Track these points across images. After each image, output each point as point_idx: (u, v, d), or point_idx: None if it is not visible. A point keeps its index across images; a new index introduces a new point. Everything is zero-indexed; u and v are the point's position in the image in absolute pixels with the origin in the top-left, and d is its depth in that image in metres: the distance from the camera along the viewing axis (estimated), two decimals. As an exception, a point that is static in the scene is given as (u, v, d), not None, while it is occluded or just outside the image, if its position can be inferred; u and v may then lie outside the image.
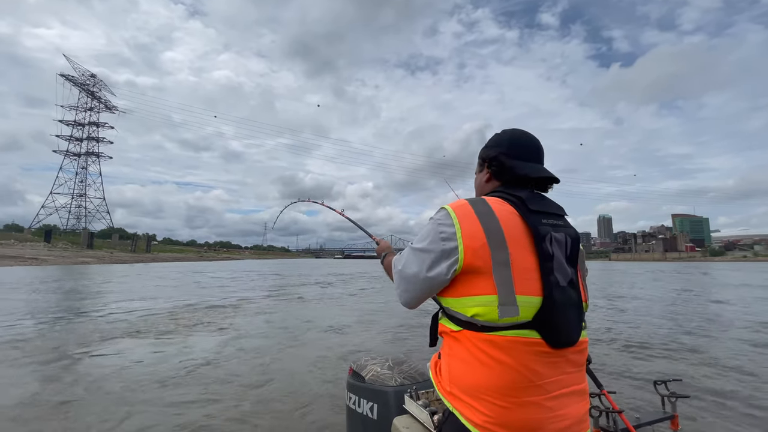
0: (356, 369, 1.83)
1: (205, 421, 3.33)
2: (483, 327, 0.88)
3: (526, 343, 0.86)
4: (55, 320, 8.17)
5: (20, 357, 5.27)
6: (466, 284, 0.92)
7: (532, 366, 0.86)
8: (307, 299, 13.04)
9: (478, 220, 0.92)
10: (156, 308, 10.07)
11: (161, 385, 4.20)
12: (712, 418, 3.40)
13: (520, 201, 0.98)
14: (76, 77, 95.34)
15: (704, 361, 5.22)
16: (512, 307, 0.87)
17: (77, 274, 26.52)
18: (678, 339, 6.61)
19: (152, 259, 64.44)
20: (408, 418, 1.49)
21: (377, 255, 1.54)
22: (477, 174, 1.19)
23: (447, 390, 0.95)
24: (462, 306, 0.92)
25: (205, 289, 16.04)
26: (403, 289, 1.05)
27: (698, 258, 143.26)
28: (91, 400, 3.76)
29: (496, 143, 1.13)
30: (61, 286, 16.70)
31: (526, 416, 0.84)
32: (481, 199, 0.99)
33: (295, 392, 4.09)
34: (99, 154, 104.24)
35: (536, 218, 0.95)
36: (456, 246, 0.91)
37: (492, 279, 0.88)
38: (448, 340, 0.98)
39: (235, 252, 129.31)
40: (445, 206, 1.00)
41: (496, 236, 0.90)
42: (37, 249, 53.73)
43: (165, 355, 5.46)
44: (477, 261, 0.89)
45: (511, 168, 1.06)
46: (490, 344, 0.87)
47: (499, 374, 0.85)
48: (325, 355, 5.61)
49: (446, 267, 0.93)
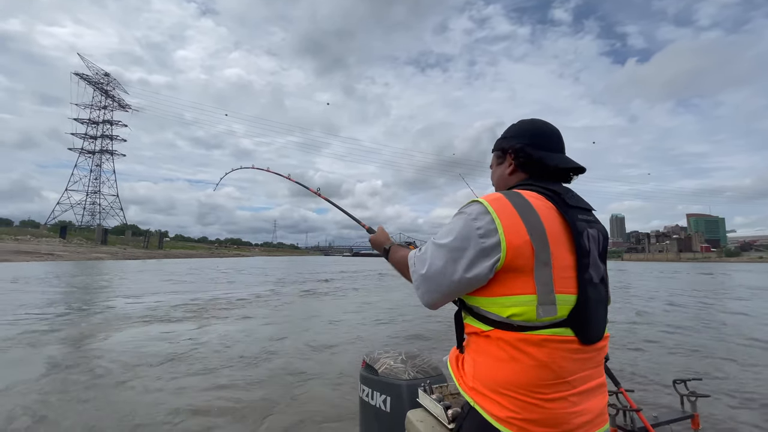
0: (369, 362, 1.84)
1: (217, 411, 3.38)
2: (519, 327, 0.85)
3: (560, 341, 0.85)
4: (85, 310, 8.39)
5: (52, 341, 5.49)
6: (502, 283, 0.87)
7: (562, 362, 0.85)
8: (317, 294, 13.12)
9: (518, 215, 0.87)
10: (174, 300, 10.21)
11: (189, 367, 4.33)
12: (734, 419, 3.31)
13: (556, 195, 0.94)
14: (90, 76, 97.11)
15: (725, 361, 5.10)
16: (551, 306, 0.85)
17: (94, 269, 27.07)
18: (697, 338, 6.49)
19: (164, 255, 65.40)
20: (422, 411, 1.49)
21: (373, 245, 1.39)
22: (496, 167, 1.14)
23: (469, 386, 0.93)
24: (497, 306, 0.88)
25: (218, 284, 16.24)
26: (428, 290, 0.96)
27: (713, 258, 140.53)
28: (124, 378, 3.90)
29: (518, 133, 1.07)
30: (86, 281, 17.06)
31: (552, 412, 0.84)
32: (517, 193, 0.93)
33: (307, 382, 4.15)
34: (113, 152, 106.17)
35: (573, 213, 0.92)
36: (497, 243, 0.85)
37: (532, 278, 0.84)
38: (476, 338, 0.94)
39: (245, 249, 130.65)
40: (478, 199, 0.93)
41: (537, 233, 0.86)
42: (52, 245, 54.93)
43: (178, 338, 5.58)
44: (518, 259, 0.84)
45: (539, 159, 1.02)
46: (524, 342, 0.84)
47: (529, 371, 0.84)
48: (335, 344, 5.64)
49: (488, 266, 0.86)
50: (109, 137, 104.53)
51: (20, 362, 4.80)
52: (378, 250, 1.35)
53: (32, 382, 4.07)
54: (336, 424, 3.21)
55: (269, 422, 3.26)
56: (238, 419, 3.26)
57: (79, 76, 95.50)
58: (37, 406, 3.46)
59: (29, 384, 4.00)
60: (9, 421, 3.18)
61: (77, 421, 3.17)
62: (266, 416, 3.36)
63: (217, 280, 18.85)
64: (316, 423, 3.23)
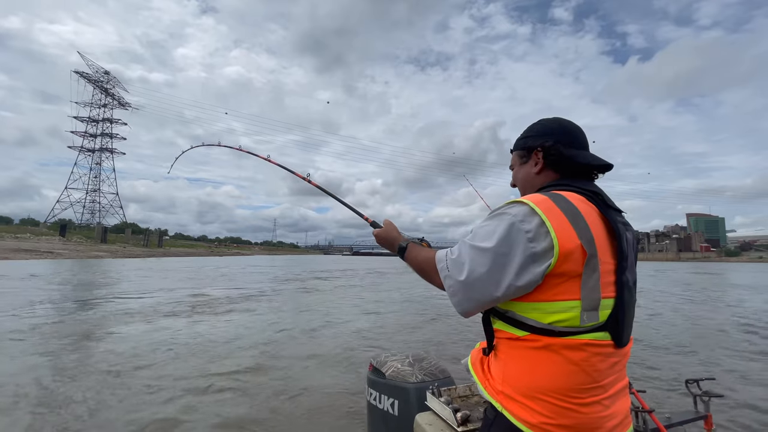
0: (376, 365, 1.83)
1: (215, 417, 3.38)
2: (559, 332, 0.82)
3: (598, 345, 0.83)
4: (92, 304, 8.42)
5: (55, 335, 5.49)
6: (546, 289, 0.83)
7: (599, 366, 0.84)
8: (318, 291, 13.16)
9: (566, 218, 0.83)
10: (175, 297, 10.19)
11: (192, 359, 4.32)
12: (748, 419, 3.27)
13: (596, 196, 0.91)
14: (90, 74, 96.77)
15: (739, 361, 5.05)
16: (595, 312, 0.83)
17: (93, 267, 27.05)
18: (710, 337, 6.44)
19: (164, 253, 65.38)
20: (430, 414, 1.48)
21: (380, 242, 1.24)
22: (519, 167, 1.09)
23: (498, 390, 0.90)
24: (537, 312, 0.84)
25: (218, 282, 16.21)
26: (467, 298, 0.89)
27: (713, 258, 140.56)
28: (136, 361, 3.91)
29: (544, 131, 1.03)
30: (85, 279, 17.05)
31: (587, 416, 0.83)
32: (560, 195, 0.88)
33: (312, 386, 4.12)
34: (113, 150, 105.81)
35: (613, 215, 0.90)
36: (548, 248, 0.81)
37: (578, 283, 0.81)
38: (507, 343, 0.90)
39: (245, 247, 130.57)
40: (522, 200, 0.87)
41: (587, 236, 0.82)
42: (52, 243, 54.89)
43: (185, 335, 5.60)
44: (567, 264, 0.81)
45: (570, 157, 0.98)
46: (563, 347, 0.82)
47: (567, 375, 0.82)
48: (340, 346, 5.64)
49: (540, 273, 0.81)
50: (109, 135, 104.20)
51: (25, 354, 4.80)
52: (387, 248, 1.23)
53: (33, 371, 4.08)
54: (343, 427, 3.19)
55: (275, 423, 3.25)
56: (240, 427, 3.24)
57: (79, 74, 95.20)
58: (44, 390, 3.49)
59: (33, 375, 4.01)
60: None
61: (78, 410, 3.18)
62: (272, 417, 3.35)
63: (217, 278, 18.83)
64: (324, 426, 3.22)
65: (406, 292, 13.80)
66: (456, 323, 7.60)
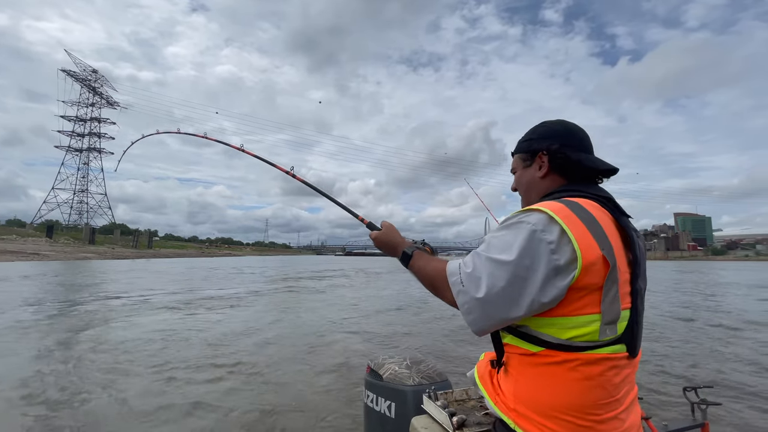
0: (374, 367, 1.83)
1: (215, 412, 3.35)
2: (577, 348, 0.77)
3: (615, 358, 0.79)
4: (79, 305, 8.31)
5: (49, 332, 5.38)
6: (566, 304, 0.77)
7: (614, 380, 0.80)
8: (312, 291, 13.10)
9: (585, 228, 0.77)
10: (166, 299, 10.08)
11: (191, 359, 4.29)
12: (745, 427, 3.23)
13: (610, 202, 0.87)
14: (77, 72, 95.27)
15: (737, 368, 4.96)
16: (614, 325, 0.78)
17: (83, 268, 26.61)
18: (707, 343, 6.34)
19: (153, 255, 64.61)
20: (426, 418, 1.49)
21: (380, 246, 1.15)
22: (521, 170, 1.03)
23: (510, 407, 0.86)
24: (554, 328, 0.79)
25: (209, 282, 15.95)
26: (485, 316, 0.81)
27: (700, 257, 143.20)
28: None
29: (549, 134, 0.98)
30: (74, 280, 16.75)
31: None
32: (575, 202, 0.83)
33: (309, 385, 4.13)
34: (101, 150, 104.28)
35: (626, 222, 0.86)
36: (572, 260, 0.75)
37: (599, 296, 0.77)
38: (519, 358, 0.85)
39: (237, 248, 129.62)
40: (539, 208, 0.81)
41: (607, 246, 0.78)
42: (38, 244, 53.91)
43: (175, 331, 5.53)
44: (589, 277, 0.76)
45: (578, 161, 0.93)
46: (580, 363, 0.77)
47: (584, 392, 0.77)
48: (336, 348, 5.62)
49: (563, 287, 0.75)
50: (97, 135, 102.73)
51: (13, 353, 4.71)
52: (387, 253, 1.13)
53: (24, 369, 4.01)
54: (340, 429, 3.18)
55: (270, 425, 3.24)
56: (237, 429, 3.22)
57: (66, 73, 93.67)
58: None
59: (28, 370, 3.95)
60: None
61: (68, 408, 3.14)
62: (268, 419, 3.33)
63: (208, 278, 18.65)
64: (320, 427, 3.21)
65: (401, 292, 13.81)
66: (454, 326, 7.60)
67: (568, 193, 0.90)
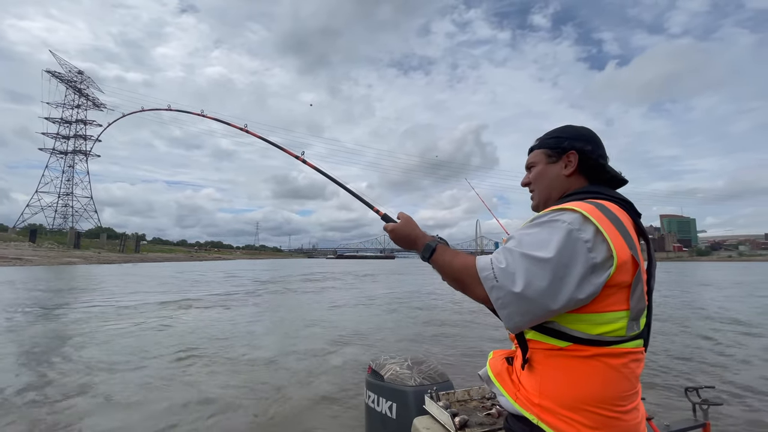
0: (375, 368, 1.83)
1: (216, 412, 3.31)
2: (606, 342, 0.82)
3: (636, 352, 0.85)
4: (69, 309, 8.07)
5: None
6: (598, 300, 0.81)
7: (636, 372, 0.86)
8: (307, 293, 13.02)
9: (615, 228, 0.81)
10: (157, 302, 9.98)
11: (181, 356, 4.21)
12: (746, 427, 3.26)
13: (629, 205, 0.93)
14: (62, 74, 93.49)
15: (739, 368, 4.97)
16: (638, 321, 0.84)
17: (65, 273, 26.02)
18: (708, 344, 6.32)
19: (141, 259, 63.52)
20: (428, 418, 1.49)
21: (398, 240, 1.07)
22: (546, 165, 1.03)
23: (534, 402, 0.87)
24: (585, 324, 0.82)
25: (199, 286, 15.75)
26: (524, 311, 0.81)
27: (685, 258, 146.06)
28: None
29: (580, 136, 1.01)
30: (60, 286, 16.37)
31: (628, 423, 0.83)
32: (601, 203, 0.86)
33: (311, 385, 4.13)
34: (86, 152, 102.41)
35: (641, 224, 0.93)
36: (608, 257, 0.79)
37: (628, 293, 0.82)
38: (545, 354, 0.87)
39: (227, 252, 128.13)
40: (572, 207, 0.83)
41: (633, 247, 0.83)
42: (21, 249, 52.57)
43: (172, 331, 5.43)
44: (621, 275, 0.80)
45: (603, 166, 0.99)
46: (609, 357, 0.82)
47: (612, 384, 0.82)
48: (338, 347, 5.58)
49: (599, 284, 0.79)
50: (82, 137, 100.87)
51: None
52: (406, 247, 1.07)
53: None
54: (341, 429, 3.18)
55: (272, 424, 3.22)
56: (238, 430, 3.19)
57: (51, 74, 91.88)
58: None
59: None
60: None
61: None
62: (269, 418, 3.32)
63: (198, 282, 18.42)
64: (321, 427, 3.20)
65: (397, 293, 13.84)
66: (454, 326, 7.63)
67: (591, 194, 0.93)
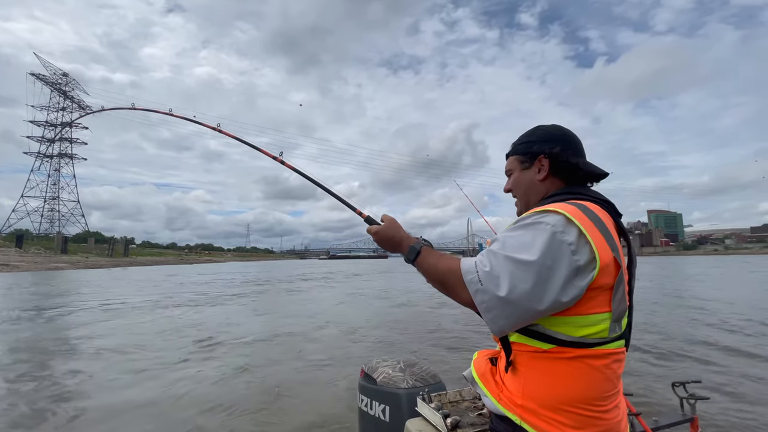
0: (368, 371, 1.84)
1: (207, 413, 3.29)
2: (588, 344, 0.82)
3: (618, 353, 0.86)
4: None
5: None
6: (581, 303, 0.81)
7: (618, 372, 0.87)
8: (301, 294, 13.00)
9: (598, 230, 0.81)
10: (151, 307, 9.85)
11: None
12: (733, 420, 3.32)
13: (609, 205, 0.93)
14: (47, 76, 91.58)
15: (723, 362, 5.03)
16: (620, 322, 0.85)
17: (53, 279, 25.53)
18: (695, 338, 6.39)
19: (130, 263, 62.62)
20: (421, 420, 1.50)
21: (381, 243, 1.06)
22: (519, 172, 1.04)
23: (517, 404, 0.87)
24: (568, 326, 0.82)
25: (189, 289, 15.71)
26: (507, 315, 0.80)
27: (672, 252, 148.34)
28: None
29: (548, 137, 1.00)
30: (41, 290, 16.07)
31: (609, 422, 0.85)
32: (583, 204, 0.86)
33: (303, 388, 4.12)
34: (72, 156, 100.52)
35: (622, 224, 0.92)
36: (591, 260, 0.79)
37: (610, 296, 0.82)
38: (528, 356, 0.87)
39: (218, 254, 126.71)
40: (555, 209, 0.83)
41: (615, 248, 0.83)
42: (8, 255, 51.41)
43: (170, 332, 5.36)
44: (604, 277, 0.80)
45: (576, 165, 0.97)
46: (591, 358, 0.82)
47: (593, 385, 0.83)
48: (331, 350, 5.57)
49: (583, 287, 0.79)
50: (68, 140, 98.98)
51: None
52: (390, 249, 1.05)
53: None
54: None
55: (264, 430, 3.21)
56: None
57: (36, 77, 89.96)
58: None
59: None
60: None
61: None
62: (261, 424, 3.31)
63: (188, 286, 18.23)
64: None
65: (391, 293, 13.83)
66: (447, 326, 7.66)
67: (569, 195, 0.93)
